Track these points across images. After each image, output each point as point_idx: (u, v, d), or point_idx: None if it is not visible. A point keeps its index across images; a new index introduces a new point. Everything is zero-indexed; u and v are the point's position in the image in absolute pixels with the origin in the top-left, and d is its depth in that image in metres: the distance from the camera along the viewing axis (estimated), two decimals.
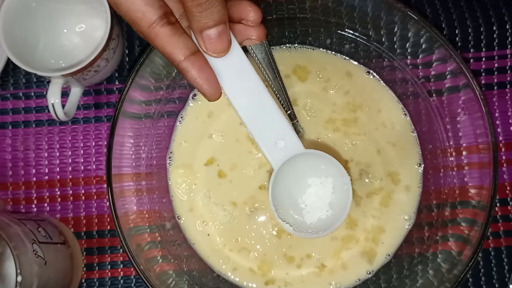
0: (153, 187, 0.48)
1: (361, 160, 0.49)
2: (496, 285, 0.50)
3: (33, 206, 0.51)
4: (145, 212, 0.46)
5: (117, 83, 0.53)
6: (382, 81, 0.50)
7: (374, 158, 0.49)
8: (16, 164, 0.51)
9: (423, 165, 0.49)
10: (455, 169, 0.46)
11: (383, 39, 0.47)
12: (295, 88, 0.50)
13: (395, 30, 0.46)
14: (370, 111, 0.50)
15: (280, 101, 0.47)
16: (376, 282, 0.47)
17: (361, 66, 0.50)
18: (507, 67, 0.53)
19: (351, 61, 0.50)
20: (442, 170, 0.47)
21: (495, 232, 0.50)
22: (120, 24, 0.52)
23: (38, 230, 0.44)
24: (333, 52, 0.50)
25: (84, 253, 0.50)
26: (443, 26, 0.53)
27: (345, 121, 0.49)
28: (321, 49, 0.50)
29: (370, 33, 0.48)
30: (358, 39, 0.48)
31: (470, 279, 0.50)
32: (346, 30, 0.48)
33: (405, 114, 0.50)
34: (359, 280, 0.48)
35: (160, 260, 0.46)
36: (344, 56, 0.50)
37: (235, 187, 0.49)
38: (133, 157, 0.46)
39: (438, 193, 0.47)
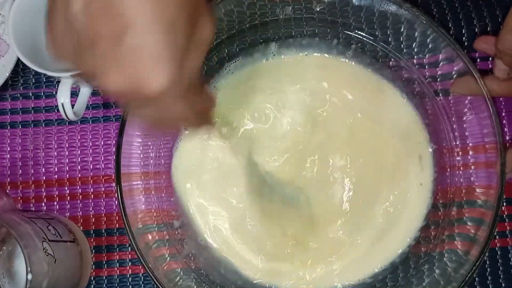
0: (161, 186, 0.48)
1: (368, 158, 0.49)
2: (503, 285, 0.50)
3: (43, 204, 0.52)
4: (153, 210, 0.47)
5: None
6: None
7: (381, 155, 0.49)
8: (26, 163, 0.52)
9: None
10: (461, 168, 0.46)
11: (390, 39, 0.48)
12: None
13: (402, 30, 0.46)
14: (376, 110, 0.50)
15: None
16: (383, 281, 0.48)
17: (368, 68, 0.50)
18: None
19: (356, 62, 0.50)
20: (448, 170, 0.47)
21: (502, 232, 0.50)
22: None
23: (48, 229, 0.45)
24: (338, 54, 0.50)
25: (93, 251, 0.51)
26: (450, 26, 0.53)
27: (350, 121, 0.50)
28: (328, 49, 0.51)
29: (377, 33, 0.48)
30: (365, 39, 0.48)
31: (477, 279, 0.50)
32: (353, 30, 0.48)
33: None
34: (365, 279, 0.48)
35: (168, 258, 0.46)
36: (349, 57, 0.50)
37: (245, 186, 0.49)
38: (141, 156, 0.46)
39: (444, 193, 0.47)
